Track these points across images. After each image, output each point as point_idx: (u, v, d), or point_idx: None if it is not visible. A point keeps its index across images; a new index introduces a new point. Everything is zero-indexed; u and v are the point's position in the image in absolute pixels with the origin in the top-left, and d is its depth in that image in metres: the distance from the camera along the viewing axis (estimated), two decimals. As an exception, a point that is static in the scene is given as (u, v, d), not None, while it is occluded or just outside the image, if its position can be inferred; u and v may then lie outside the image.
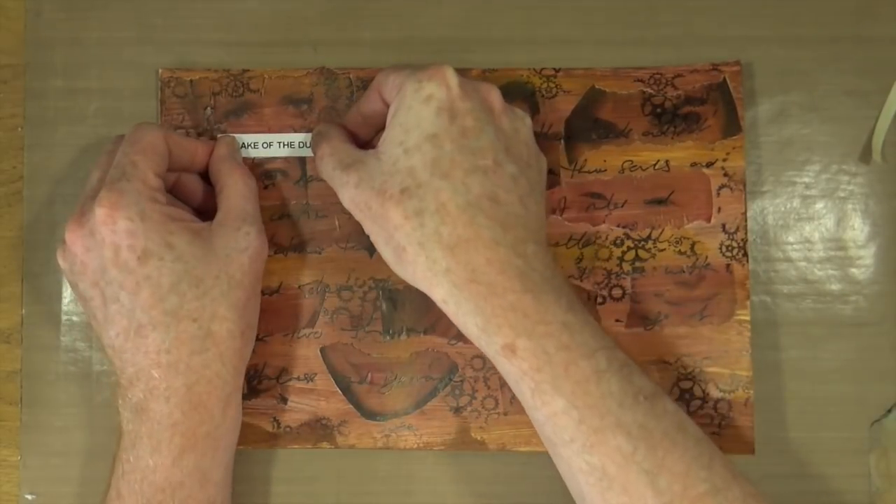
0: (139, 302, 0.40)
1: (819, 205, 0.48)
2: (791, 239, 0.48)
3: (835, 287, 0.47)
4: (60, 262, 0.42)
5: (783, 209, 0.48)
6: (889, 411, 0.46)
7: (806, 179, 0.48)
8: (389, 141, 0.40)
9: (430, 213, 0.38)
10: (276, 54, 0.47)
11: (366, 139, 0.46)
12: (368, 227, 0.41)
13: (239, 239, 0.42)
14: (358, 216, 0.41)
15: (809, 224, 0.48)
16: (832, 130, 0.48)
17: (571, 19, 0.48)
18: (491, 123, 0.40)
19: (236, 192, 0.44)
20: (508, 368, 0.39)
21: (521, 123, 0.42)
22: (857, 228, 0.47)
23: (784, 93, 0.48)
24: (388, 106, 0.42)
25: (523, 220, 0.39)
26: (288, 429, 0.46)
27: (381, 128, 0.43)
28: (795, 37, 0.48)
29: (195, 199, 0.46)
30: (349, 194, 0.41)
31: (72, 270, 0.41)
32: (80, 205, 0.42)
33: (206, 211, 0.45)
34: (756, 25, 0.48)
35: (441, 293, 0.39)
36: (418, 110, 0.39)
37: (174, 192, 0.45)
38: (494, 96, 0.41)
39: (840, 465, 0.47)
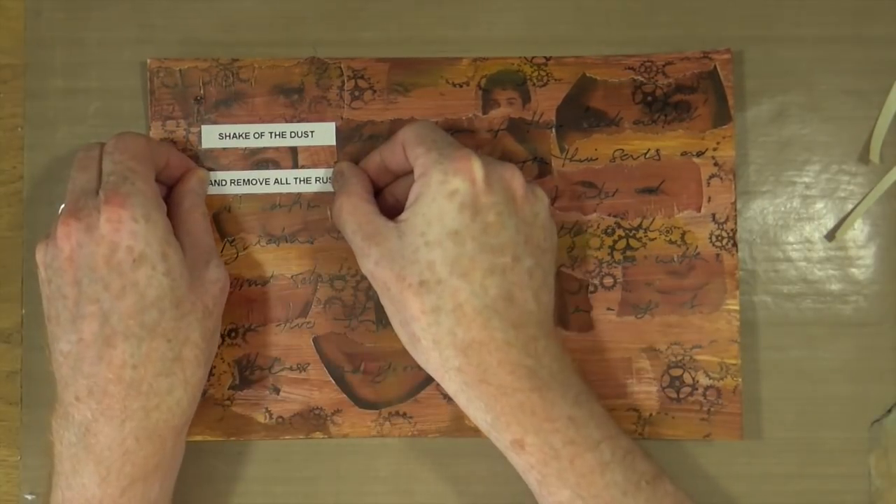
0: (119, 307, 0.39)
1: (819, 205, 0.48)
2: (791, 239, 0.48)
3: (835, 287, 0.47)
4: (40, 255, 0.41)
5: (783, 209, 0.48)
6: (889, 411, 0.46)
7: (806, 179, 0.48)
8: (411, 228, 0.40)
9: (447, 312, 0.39)
10: (276, 54, 0.47)
11: (383, 186, 0.46)
12: (385, 304, 0.42)
13: (210, 270, 0.43)
14: (376, 288, 0.42)
15: (809, 224, 0.48)
16: (832, 130, 0.48)
17: (571, 19, 0.48)
18: (513, 215, 0.40)
19: (202, 227, 0.44)
20: (517, 461, 0.41)
21: (541, 206, 0.42)
22: (857, 228, 0.47)
23: (784, 93, 0.48)
24: (409, 164, 0.42)
25: (535, 316, 0.40)
26: (281, 419, 0.46)
27: (400, 175, 0.44)
28: (795, 37, 0.48)
29: None
30: (368, 267, 0.41)
31: (51, 265, 0.40)
32: (72, 202, 0.41)
33: None
34: (756, 25, 0.48)
35: (452, 388, 0.41)
36: (441, 204, 0.40)
37: None
38: (517, 182, 0.41)
39: (840, 465, 0.47)
